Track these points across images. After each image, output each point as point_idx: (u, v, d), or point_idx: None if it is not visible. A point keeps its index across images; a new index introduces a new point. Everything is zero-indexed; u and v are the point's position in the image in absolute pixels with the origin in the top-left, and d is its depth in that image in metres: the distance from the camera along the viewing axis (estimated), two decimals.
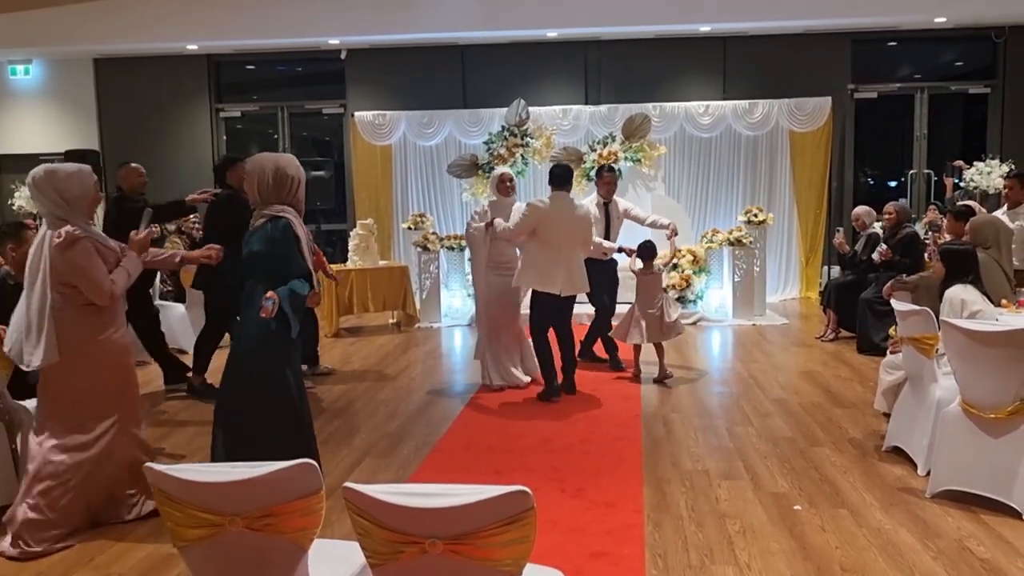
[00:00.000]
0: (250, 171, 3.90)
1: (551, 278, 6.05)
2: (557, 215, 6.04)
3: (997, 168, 10.02)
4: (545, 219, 6.00)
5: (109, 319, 3.95)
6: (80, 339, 3.85)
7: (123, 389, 4.05)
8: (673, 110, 11.05)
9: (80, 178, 3.92)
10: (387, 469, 4.81)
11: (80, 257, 3.80)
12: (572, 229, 6.12)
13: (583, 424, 5.59)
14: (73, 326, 3.83)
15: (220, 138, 12.27)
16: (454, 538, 1.90)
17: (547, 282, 6.06)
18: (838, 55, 11.17)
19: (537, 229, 6.00)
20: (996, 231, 5.59)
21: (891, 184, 12.28)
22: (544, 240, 6.01)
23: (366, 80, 11.79)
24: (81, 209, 3.92)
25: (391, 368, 7.35)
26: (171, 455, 5.12)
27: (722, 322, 9.31)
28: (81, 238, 3.81)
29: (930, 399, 4.45)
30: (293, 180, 3.88)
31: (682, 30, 10.85)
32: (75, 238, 3.79)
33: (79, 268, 3.80)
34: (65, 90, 12.13)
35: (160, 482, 2.16)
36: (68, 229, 3.80)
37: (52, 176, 3.86)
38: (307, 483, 2.11)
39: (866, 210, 8.26)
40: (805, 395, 6.25)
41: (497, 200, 6.53)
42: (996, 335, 3.87)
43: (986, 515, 3.94)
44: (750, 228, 9.59)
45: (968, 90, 11.50)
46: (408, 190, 11.59)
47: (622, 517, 4.03)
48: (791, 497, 4.27)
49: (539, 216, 6.00)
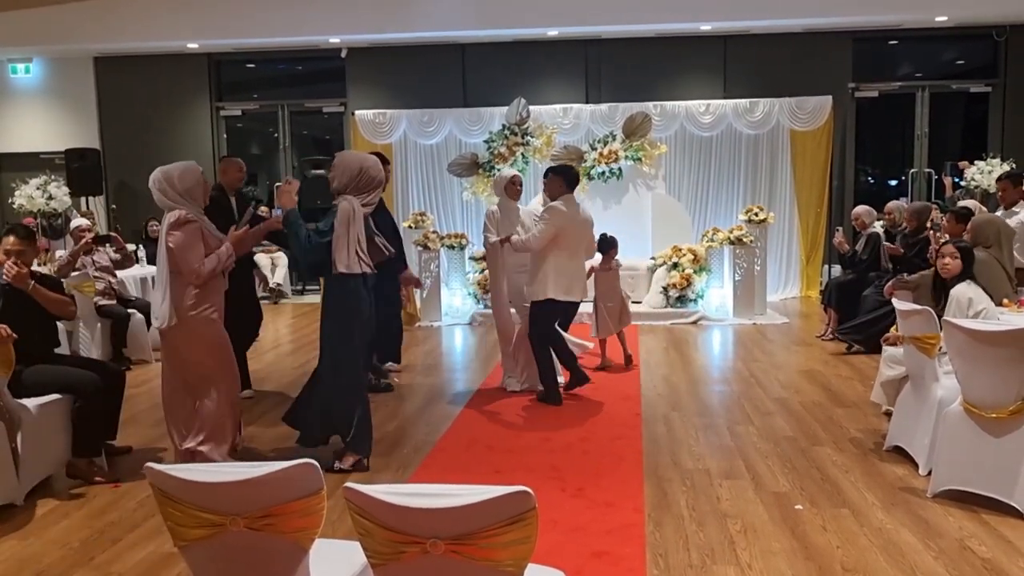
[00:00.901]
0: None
1: (573, 286, 5.90)
2: (575, 219, 5.88)
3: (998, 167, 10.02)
4: (568, 224, 5.81)
5: (204, 297, 4.52)
6: (182, 311, 4.48)
7: (219, 360, 4.64)
8: (674, 109, 11.04)
9: (190, 172, 4.59)
10: (387, 469, 4.81)
11: (183, 237, 4.43)
12: (583, 233, 6.01)
13: (583, 423, 5.58)
14: (179, 299, 4.47)
15: (220, 136, 12.27)
16: (455, 538, 1.90)
17: (570, 290, 5.89)
18: (839, 54, 11.16)
19: (558, 235, 5.78)
20: (997, 230, 5.59)
21: (892, 183, 12.27)
22: (564, 246, 5.82)
23: (366, 79, 11.79)
24: (195, 197, 4.57)
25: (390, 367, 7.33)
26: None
27: (723, 321, 9.31)
28: (190, 221, 4.46)
29: (931, 398, 4.44)
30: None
31: (683, 29, 10.84)
32: (185, 220, 4.45)
33: (179, 246, 4.42)
34: (65, 88, 12.13)
35: (160, 482, 2.16)
36: (181, 212, 4.46)
37: (167, 174, 4.54)
38: (308, 483, 2.11)
39: (866, 209, 8.26)
40: (806, 394, 6.25)
41: (504, 202, 6.26)
42: (997, 334, 3.87)
43: (988, 515, 3.93)
44: (751, 227, 9.59)
45: (969, 89, 11.50)
46: (409, 189, 11.58)
47: (623, 517, 4.03)
48: (792, 496, 4.27)
49: (563, 221, 5.78)
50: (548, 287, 5.83)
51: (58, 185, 10.94)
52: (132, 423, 5.77)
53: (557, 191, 5.91)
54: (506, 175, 6.36)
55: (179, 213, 4.46)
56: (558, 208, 5.79)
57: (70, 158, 11.39)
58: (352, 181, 4.63)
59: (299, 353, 8.15)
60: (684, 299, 9.38)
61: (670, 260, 9.51)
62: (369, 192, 4.67)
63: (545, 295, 5.84)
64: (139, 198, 12.01)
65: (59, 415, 4.55)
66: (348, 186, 4.63)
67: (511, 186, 6.27)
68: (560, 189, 5.90)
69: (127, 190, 12.18)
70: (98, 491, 4.52)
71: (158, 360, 7.68)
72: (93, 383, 4.58)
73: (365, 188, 4.66)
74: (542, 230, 5.76)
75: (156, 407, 6.21)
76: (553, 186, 5.95)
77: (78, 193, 11.33)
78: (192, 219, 4.48)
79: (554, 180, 5.96)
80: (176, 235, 4.42)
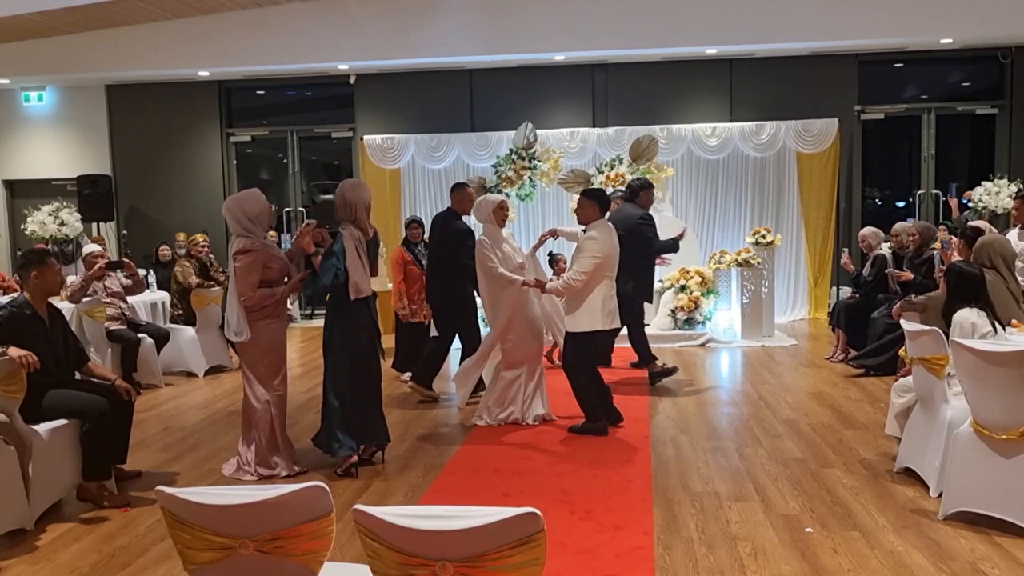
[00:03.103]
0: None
1: (614, 313, 5.73)
2: (612, 245, 5.71)
3: (1005, 188, 10.03)
4: (607, 253, 5.62)
5: (266, 312, 5.00)
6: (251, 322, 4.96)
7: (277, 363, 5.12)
8: (680, 132, 11.09)
9: (256, 200, 5.02)
10: (396, 492, 4.81)
11: (242, 265, 4.89)
12: (616, 256, 5.82)
13: (591, 446, 5.57)
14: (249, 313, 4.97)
15: (231, 162, 12.38)
16: (465, 561, 1.90)
17: (616, 317, 5.74)
18: (845, 76, 11.21)
19: (599, 266, 5.58)
20: (993, 252, 5.52)
21: (899, 204, 12.27)
22: (606, 274, 5.64)
23: (375, 104, 11.89)
24: (262, 223, 5.02)
25: (399, 391, 7.35)
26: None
27: (731, 343, 9.30)
28: (251, 250, 4.90)
29: (941, 420, 4.42)
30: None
31: (689, 53, 10.91)
32: (246, 249, 4.90)
33: (237, 271, 4.90)
34: (78, 116, 12.27)
35: (170, 505, 2.17)
36: (246, 242, 4.92)
37: (239, 203, 5.01)
38: (317, 506, 2.12)
39: (873, 231, 8.25)
40: (815, 416, 6.23)
41: (489, 229, 6.07)
42: (1007, 355, 3.86)
43: (1000, 537, 3.90)
44: (758, 249, 9.60)
45: (975, 110, 11.52)
46: (417, 213, 11.64)
47: (632, 539, 4.02)
48: (802, 519, 4.25)
49: (601, 252, 5.58)
50: (597, 318, 5.63)
51: (70, 211, 11.04)
52: (142, 447, 5.79)
53: (590, 216, 5.74)
54: (493, 200, 6.11)
55: (243, 242, 4.92)
56: (591, 242, 5.60)
57: (82, 184, 11.50)
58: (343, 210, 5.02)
59: (308, 377, 8.17)
60: (692, 321, 9.37)
61: (678, 283, 9.51)
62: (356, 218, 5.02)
63: (593, 327, 5.65)
64: (150, 224, 12.13)
65: (69, 439, 4.57)
66: (342, 216, 5.01)
67: (499, 211, 6.05)
68: (593, 214, 5.73)
69: (138, 216, 12.29)
70: (108, 515, 4.52)
71: (168, 384, 7.76)
72: (100, 407, 4.60)
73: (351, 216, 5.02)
74: (583, 268, 5.55)
75: (166, 431, 6.25)
76: (586, 211, 5.76)
77: (89, 219, 11.43)
78: (253, 248, 4.91)
79: (587, 205, 5.76)
80: (238, 261, 4.91)
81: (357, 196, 5.05)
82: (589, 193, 5.87)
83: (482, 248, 6.03)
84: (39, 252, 4.87)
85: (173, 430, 6.30)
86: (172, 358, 8.13)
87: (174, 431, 6.27)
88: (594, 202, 5.75)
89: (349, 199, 5.03)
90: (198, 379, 8.11)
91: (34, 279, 4.63)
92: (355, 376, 5.05)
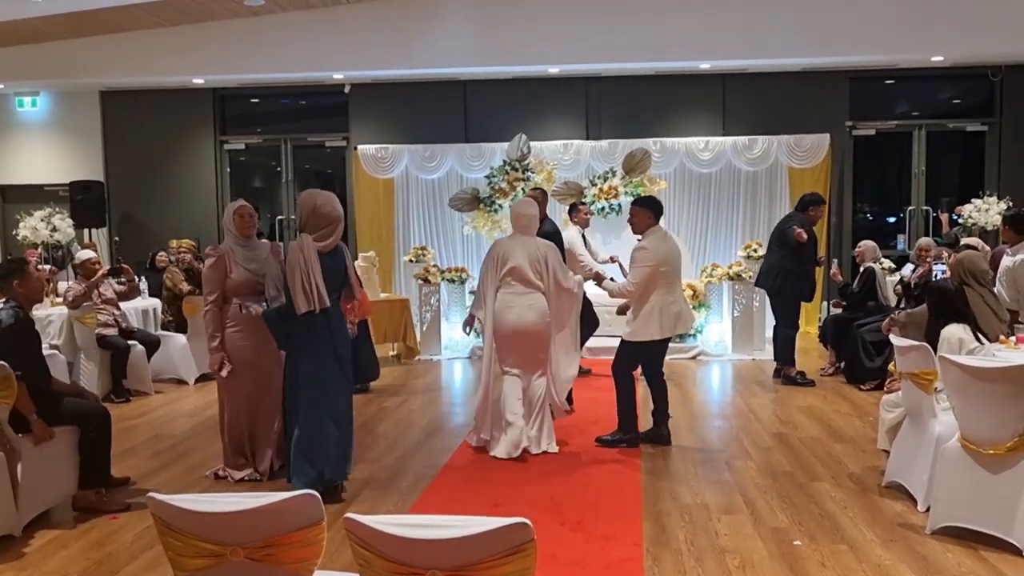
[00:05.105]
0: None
1: (677, 321, 5.64)
2: (668, 252, 5.62)
3: (995, 205, 10.11)
4: (661, 260, 5.53)
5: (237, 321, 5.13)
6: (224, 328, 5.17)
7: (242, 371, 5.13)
8: (673, 145, 11.14)
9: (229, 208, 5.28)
10: (386, 501, 4.80)
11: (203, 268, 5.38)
12: (678, 262, 5.74)
13: (582, 457, 5.58)
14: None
15: (224, 170, 12.37)
16: (455, 570, 1.91)
17: (675, 325, 5.65)
18: (836, 92, 11.28)
19: (654, 274, 5.51)
20: (963, 270, 5.54)
21: (889, 220, 12.35)
22: (663, 282, 5.55)
23: (369, 114, 11.91)
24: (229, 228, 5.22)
25: (390, 400, 7.35)
26: None
27: (721, 356, 9.32)
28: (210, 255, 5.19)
29: (929, 434, 4.45)
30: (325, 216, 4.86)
31: (682, 67, 10.96)
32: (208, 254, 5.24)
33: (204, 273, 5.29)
34: (71, 122, 12.24)
35: (161, 512, 2.17)
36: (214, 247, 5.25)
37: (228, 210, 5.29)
38: (308, 514, 2.12)
39: (872, 246, 8.29)
40: (804, 430, 6.25)
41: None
42: (994, 371, 3.89)
43: (986, 551, 3.93)
44: (749, 263, 9.64)
45: (965, 128, 11.60)
46: (410, 223, 11.66)
47: (621, 550, 4.02)
48: (791, 532, 4.26)
49: (655, 260, 5.50)
50: (655, 327, 5.56)
51: (62, 217, 11.01)
52: (131, 454, 5.78)
53: (645, 224, 5.67)
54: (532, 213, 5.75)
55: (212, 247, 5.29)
56: (645, 250, 5.54)
57: (74, 190, 11.46)
58: (307, 219, 4.78)
59: None
60: (683, 334, 9.39)
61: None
62: (322, 229, 4.76)
63: (651, 336, 5.58)
64: (142, 230, 12.10)
65: (63, 447, 4.55)
66: (306, 224, 4.79)
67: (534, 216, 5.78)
68: (648, 222, 5.66)
69: (130, 222, 12.26)
70: (96, 522, 4.51)
71: (158, 392, 7.74)
72: (103, 414, 4.61)
73: (319, 226, 4.77)
74: (634, 278, 5.52)
75: (156, 438, 6.23)
76: (640, 219, 5.69)
77: (81, 225, 11.39)
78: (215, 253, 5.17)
79: (641, 213, 5.69)
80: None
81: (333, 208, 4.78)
82: (642, 202, 5.78)
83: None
84: (18, 261, 4.89)
85: (163, 437, 6.28)
86: (163, 365, 8.11)
87: (163, 438, 6.25)
88: (648, 210, 5.67)
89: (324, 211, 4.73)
90: (188, 387, 8.08)
91: (17, 288, 4.61)
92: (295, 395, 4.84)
